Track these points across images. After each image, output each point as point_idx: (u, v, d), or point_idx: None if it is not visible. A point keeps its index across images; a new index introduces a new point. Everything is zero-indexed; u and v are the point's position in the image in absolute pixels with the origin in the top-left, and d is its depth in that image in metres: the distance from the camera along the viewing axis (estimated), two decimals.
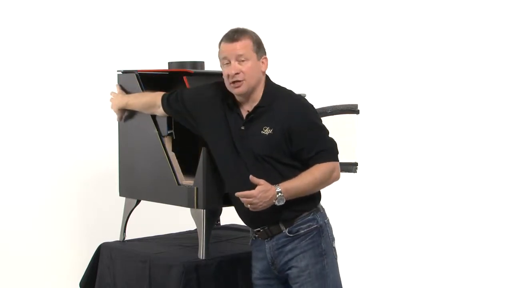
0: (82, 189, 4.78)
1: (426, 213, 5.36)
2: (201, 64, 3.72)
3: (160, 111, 3.30)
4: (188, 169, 3.41)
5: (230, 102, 3.03)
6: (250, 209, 2.87)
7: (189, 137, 3.85)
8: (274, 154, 2.93)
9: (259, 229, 3.03)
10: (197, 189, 3.21)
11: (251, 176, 2.85)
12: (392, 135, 5.44)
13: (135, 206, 3.65)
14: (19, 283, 4.56)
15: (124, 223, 3.70)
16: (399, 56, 5.45)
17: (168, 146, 3.38)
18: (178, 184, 3.33)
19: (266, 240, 3.03)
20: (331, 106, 3.56)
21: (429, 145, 5.39)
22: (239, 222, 4.17)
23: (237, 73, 2.93)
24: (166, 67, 3.71)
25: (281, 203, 2.86)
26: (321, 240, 3.00)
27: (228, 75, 2.95)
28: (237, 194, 2.86)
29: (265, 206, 2.85)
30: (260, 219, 2.99)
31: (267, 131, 2.92)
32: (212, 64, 4.03)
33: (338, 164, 2.98)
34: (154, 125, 3.41)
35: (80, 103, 4.80)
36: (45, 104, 4.71)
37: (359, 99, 3.79)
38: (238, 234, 3.84)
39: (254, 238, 3.10)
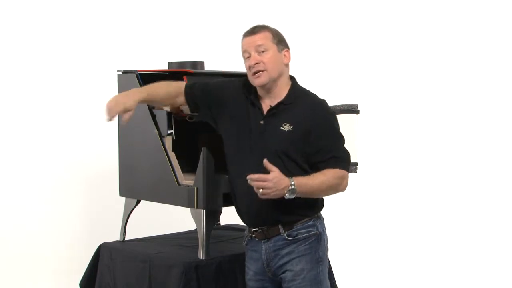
0: (82, 189, 4.78)
1: (425, 213, 5.36)
2: (201, 64, 3.72)
3: (180, 100, 3.17)
4: (188, 169, 3.41)
5: (253, 97, 3.01)
6: (260, 195, 2.78)
7: (189, 137, 3.85)
8: (289, 151, 2.90)
9: (257, 229, 3.01)
10: (197, 189, 3.21)
11: (265, 161, 2.78)
12: (392, 135, 5.44)
13: (135, 206, 3.66)
14: (19, 283, 4.56)
15: (124, 223, 3.70)
16: (399, 56, 5.45)
17: (168, 146, 3.38)
18: (178, 184, 3.33)
19: (263, 241, 3.01)
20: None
21: (429, 145, 5.40)
22: (239, 222, 4.18)
23: (257, 63, 2.91)
24: (166, 67, 3.71)
25: (292, 196, 2.81)
26: (318, 247, 2.99)
27: (249, 67, 2.93)
28: (252, 176, 2.77)
29: (276, 194, 2.79)
30: (261, 218, 2.97)
31: (286, 127, 2.91)
32: (212, 64, 4.04)
33: (348, 176, 2.98)
34: (154, 125, 3.41)
35: (80, 103, 4.80)
36: (45, 104, 4.71)
37: (359, 99, 3.79)
38: (238, 234, 3.83)
39: (250, 238, 3.08)
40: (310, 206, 2.97)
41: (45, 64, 4.72)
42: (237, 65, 4.36)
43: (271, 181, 2.75)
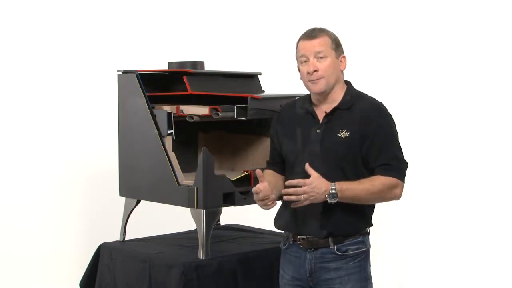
0: (82, 189, 4.78)
1: (425, 213, 5.36)
2: (201, 64, 3.72)
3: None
4: (188, 169, 3.41)
5: (308, 105, 2.93)
6: (292, 203, 2.69)
7: (189, 137, 3.86)
8: (348, 158, 2.81)
9: (304, 237, 2.88)
10: (197, 189, 3.21)
11: (307, 165, 2.69)
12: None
13: (135, 206, 3.66)
14: (19, 283, 4.57)
15: (124, 223, 3.70)
16: (398, 56, 5.44)
17: (168, 146, 3.38)
18: (178, 184, 3.33)
19: (308, 250, 2.89)
20: None
21: (428, 145, 5.39)
22: (239, 222, 4.19)
23: (315, 70, 2.84)
24: (166, 67, 3.71)
25: (333, 201, 2.70)
26: (366, 265, 2.91)
27: (307, 72, 2.86)
28: (291, 181, 2.68)
29: (316, 199, 2.69)
30: (311, 229, 2.85)
31: (344, 134, 2.82)
32: (212, 64, 4.03)
33: (403, 185, 2.84)
34: (154, 125, 3.41)
35: (80, 103, 4.80)
36: (45, 104, 4.71)
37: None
38: (238, 234, 3.84)
39: (291, 243, 2.94)
40: (363, 219, 2.89)
41: (45, 64, 4.72)
42: (237, 65, 4.38)
43: (309, 186, 2.66)
